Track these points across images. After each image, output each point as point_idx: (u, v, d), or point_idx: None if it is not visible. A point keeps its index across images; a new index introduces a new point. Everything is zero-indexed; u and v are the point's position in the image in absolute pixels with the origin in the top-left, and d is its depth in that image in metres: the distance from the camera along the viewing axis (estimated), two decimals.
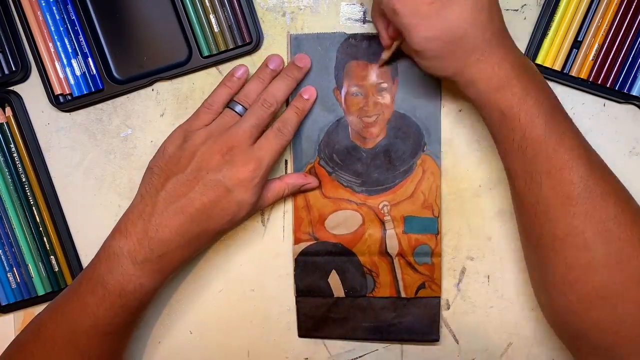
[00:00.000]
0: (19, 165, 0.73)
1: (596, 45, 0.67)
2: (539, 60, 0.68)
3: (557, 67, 0.68)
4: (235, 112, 0.67)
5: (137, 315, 0.67)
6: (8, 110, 0.73)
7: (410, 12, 0.56)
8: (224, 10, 0.70)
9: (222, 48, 0.71)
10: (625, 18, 0.66)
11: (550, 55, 0.68)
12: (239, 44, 0.71)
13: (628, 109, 0.69)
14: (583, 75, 0.68)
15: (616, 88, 0.67)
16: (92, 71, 0.72)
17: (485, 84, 0.58)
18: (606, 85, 0.68)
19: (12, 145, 0.73)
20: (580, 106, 0.69)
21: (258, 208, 0.69)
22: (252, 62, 0.72)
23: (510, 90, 0.57)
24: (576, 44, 0.67)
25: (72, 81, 0.72)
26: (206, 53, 0.71)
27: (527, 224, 0.61)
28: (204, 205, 0.64)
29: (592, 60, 0.67)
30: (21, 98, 0.73)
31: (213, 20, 0.70)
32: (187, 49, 0.71)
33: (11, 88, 0.74)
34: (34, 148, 0.73)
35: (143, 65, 0.72)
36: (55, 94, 0.72)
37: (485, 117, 0.61)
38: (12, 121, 0.73)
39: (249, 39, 0.71)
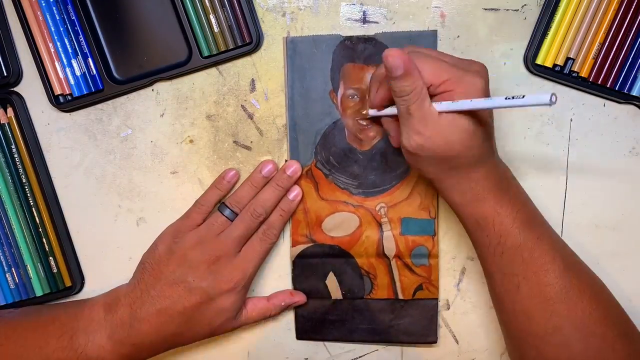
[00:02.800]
0: (20, 166, 0.73)
1: (597, 45, 0.66)
2: (539, 61, 0.68)
3: (558, 67, 0.68)
4: (225, 216, 0.69)
5: None
6: (10, 110, 0.73)
7: (419, 116, 0.56)
8: (223, 10, 0.70)
9: (222, 48, 0.71)
10: (625, 18, 0.66)
11: (551, 55, 0.67)
12: (239, 44, 0.71)
13: (628, 109, 0.69)
14: (583, 75, 0.67)
15: (616, 88, 0.67)
16: (92, 71, 0.72)
17: (460, 197, 0.61)
18: (606, 85, 0.67)
19: (13, 146, 0.73)
20: (580, 106, 0.69)
21: (239, 324, 0.71)
22: (252, 62, 0.71)
23: (485, 203, 0.59)
24: (576, 44, 0.67)
25: (72, 81, 0.72)
26: (206, 53, 0.71)
27: (507, 321, 0.63)
28: (185, 309, 0.67)
29: (593, 59, 0.67)
30: (23, 99, 0.73)
31: (213, 20, 0.70)
32: (187, 49, 0.71)
33: (12, 89, 0.74)
34: (34, 149, 0.73)
35: (143, 65, 0.72)
36: (56, 94, 0.72)
37: (461, 222, 0.63)
38: (14, 122, 0.73)
39: (249, 39, 0.70)
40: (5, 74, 0.72)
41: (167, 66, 0.72)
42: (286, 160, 0.72)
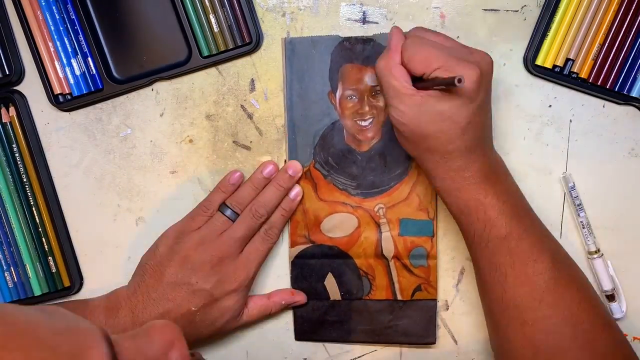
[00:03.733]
0: (21, 165, 0.73)
1: (596, 46, 0.66)
2: (538, 62, 0.68)
3: (557, 68, 0.68)
4: (226, 216, 0.69)
5: None
6: (12, 109, 0.73)
7: (392, 93, 0.58)
8: (223, 10, 0.70)
9: (222, 48, 0.71)
10: (625, 19, 0.66)
11: (550, 56, 0.67)
12: (239, 44, 0.71)
13: (627, 110, 0.69)
14: (583, 76, 0.67)
15: (616, 89, 0.67)
16: (92, 71, 0.72)
17: (440, 182, 0.61)
18: (606, 86, 0.67)
19: (14, 145, 0.73)
20: (579, 107, 0.69)
21: (241, 322, 0.71)
22: (251, 62, 0.72)
23: (465, 193, 0.60)
24: (576, 45, 0.67)
25: (71, 81, 0.72)
26: (206, 53, 0.71)
27: (495, 310, 0.63)
28: (189, 311, 0.67)
29: (592, 60, 0.67)
30: (25, 98, 0.73)
31: (213, 20, 0.70)
32: (186, 48, 0.71)
33: (14, 88, 0.74)
34: (36, 148, 0.74)
35: (143, 65, 0.72)
36: (55, 93, 0.72)
37: (448, 210, 0.64)
38: (15, 121, 0.73)
39: (248, 39, 0.70)
40: (7, 73, 0.72)
41: (167, 66, 0.72)
42: (285, 161, 0.72)
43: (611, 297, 0.70)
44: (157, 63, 0.72)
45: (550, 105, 0.69)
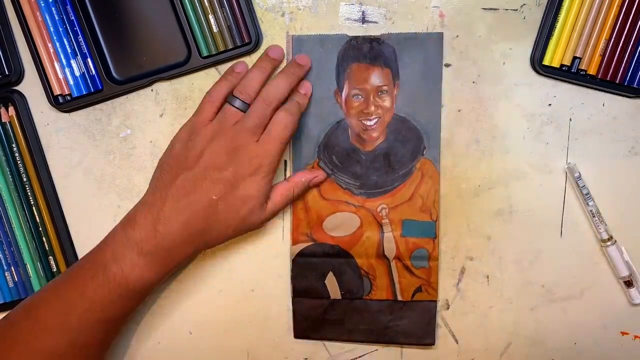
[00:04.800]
0: (20, 165, 0.73)
1: (603, 42, 0.66)
2: (546, 61, 0.68)
3: (565, 66, 0.68)
4: (235, 107, 0.67)
5: (133, 306, 0.68)
6: (11, 109, 0.73)
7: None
8: (223, 11, 0.70)
9: (222, 48, 0.71)
10: (630, 12, 0.66)
11: (557, 55, 0.67)
12: (238, 44, 0.71)
13: (627, 109, 0.69)
14: (592, 72, 0.67)
15: (625, 83, 0.67)
16: (92, 71, 0.72)
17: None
18: (615, 81, 0.67)
19: (14, 145, 0.73)
20: (579, 106, 0.69)
21: (268, 212, 0.69)
22: (251, 63, 0.71)
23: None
24: (582, 43, 0.67)
25: (71, 82, 0.72)
26: (205, 53, 0.71)
27: None
28: (210, 201, 0.65)
29: (600, 56, 0.67)
30: (24, 98, 0.73)
31: (212, 21, 0.70)
32: (186, 49, 0.71)
33: (14, 88, 0.74)
34: (35, 148, 0.73)
35: (142, 65, 0.72)
36: (55, 94, 0.72)
37: None
38: (15, 121, 0.73)
39: (248, 39, 0.70)
40: (6, 73, 0.72)
41: (167, 66, 0.72)
42: (286, 161, 0.72)
43: (629, 283, 0.70)
44: (157, 63, 0.72)
45: (549, 104, 0.69)
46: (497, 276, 0.72)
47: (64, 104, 0.73)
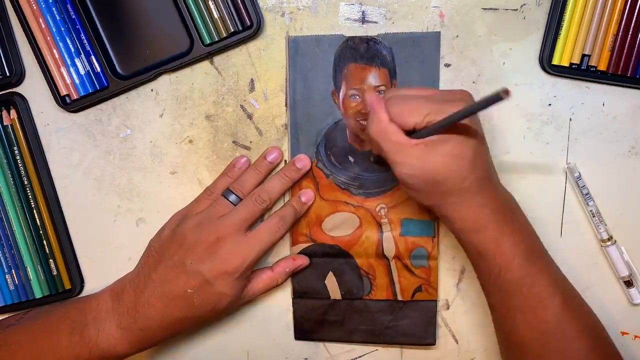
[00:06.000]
0: (22, 168, 0.73)
1: (611, 37, 0.66)
2: (555, 61, 0.68)
3: (574, 65, 0.68)
4: (229, 201, 0.68)
5: None
6: (13, 112, 0.73)
7: (394, 149, 0.58)
8: None
9: (224, 34, 0.70)
10: (635, 4, 0.66)
11: (566, 54, 0.67)
12: (240, 28, 0.70)
13: (627, 109, 0.69)
14: (602, 68, 0.67)
15: (637, 76, 0.67)
16: (96, 69, 0.71)
17: (461, 224, 0.61)
18: (627, 74, 0.67)
19: (15, 148, 0.73)
20: (579, 106, 0.69)
21: (245, 299, 0.71)
22: (251, 63, 0.71)
23: (485, 233, 0.59)
24: (590, 40, 0.67)
25: (77, 81, 0.71)
26: (207, 41, 0.70)
27: (505, 346, 0.64)
28: (186, 294, 0.66)
29: (609, 51, 0.67)
30: (26, 100, 0.73)
31: (212, 7, 0.69)
32: (188, 38, 0.71)
33: (15, 90, 0.74)
34: (36, 150, 0.73)
35: (146, 59, 0.72)
36: (62, 95, 0.72)
37: (464, 249, 0.63)
38: (17, 124, 0.73)
39: (250, 22, 0.70)
40: (7, 74, 0.72)
41: (170, 57, 0.72)
42: (286, 161, 0.72)
43: (629, 283, 0.70)
44: (160, 56, 0.72)
45: (549, 104, 0.69)
46: None
47: (72, 103, 0.72)
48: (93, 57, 0.71)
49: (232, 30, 0.70)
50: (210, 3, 0.70)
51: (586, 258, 0.71)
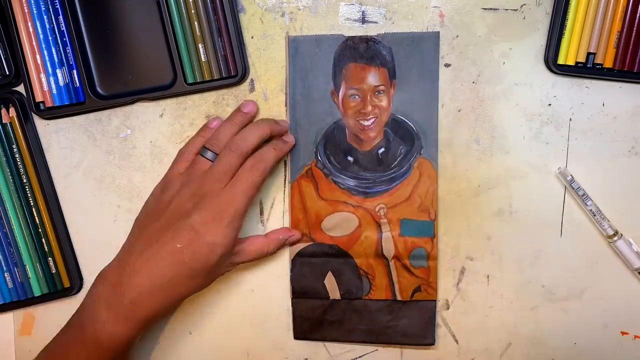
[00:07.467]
0: (21, 166, 0.73)
1: (616, 34, 0.66)
2: (560, 61, 0.68)
3: (580, 63, 0.68)
4: (206, 158, 0.67)
5: None
6: (12, 110, 0.73)
7: None
8: (213, 41, 0.70)
9: (207, 77, 0.71)
10: (638, 1, 0.66)
11: (571, 52, 0.67)
12: (224, 75, 0.71)
13: (627, 109, 0.69)
14: (608, 66, 0.67)
15: None
16: (76, 83, 0.72)
17: None
18: (633, 70, 0.67)
19: (14, 146, 0.73)
20: (579, 106, 0.69)
21: (237, 259, 0.69)
22: (251, 63, 0.72)
23: None
24: (594, 38, 0.67)
25: (54, 90, 0.72)
26: (191, 80, 0.71)
27: None
28: (175, 249, 0.64)
29: (615, 48, 0.67)
30: (25, 98, 0.73)
31: (201, 50, 0.70)
32: (172, 73, 0.71)
33: (15, 89, 0.74)
34: (36, 149, 0.74)
35: (127, 83, 0.72)
36: (37, 101, 0.72)
37: None
38: (16, 121, 0.73)
39: (234, 72, 0.71)
40: (7, 73, 0.72)
41: (151, 87, 0.72)
42: (286, 162, 0.72)
43: None
44: (142, 83, 0.72)
45: (549, 104, 0.69)
46: (497, 276, 0.72)
47: (45, 111, 0.73)
48: (75, 71, 0.72)
49: (217, 76, 0.71)
50: (200, 46, 0.70)
51: (586, 258, 0.71)
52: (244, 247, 0.69)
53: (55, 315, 0.75)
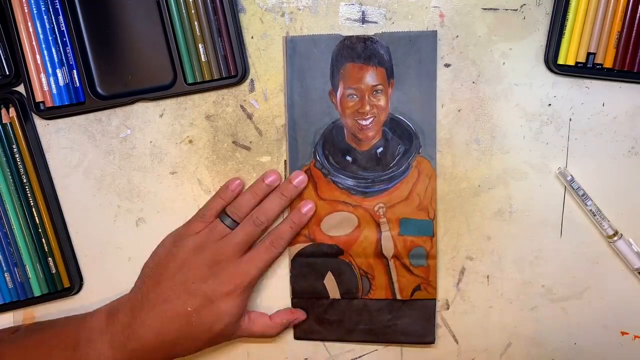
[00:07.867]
0: (21, 166, 0.73)
1: (616, 34, 0.66)
2: (560, 61, 0.68)
3: (580, 64, 0.68)
4: (225, 224, 0.69)
5: None
6: (12, 110, 0.73)
7: None
8: (213, 41, 0.70)
9: (207, 77, 0.71)
10: (638, 1, 0.66)
11: (571, 53, 0.67)
12: (224, 75, 0.71)
13: (627, 109, 0.69)
14: (608, 66, 0.67)
15: None
16: (76, 83, 0.72)
17: None
18: (633, 70, 0.67)
19: (14, 146, 0.73)
20: (579, 106, 0.69)
21: (238, 334, 0.71)
22: (251, 63, 0.71)
23: None
24: (594, 38, 0.67)
25: (54, 90, 0.71)
26: (191, 80, 0.71)
27: None
28: (185, 312, 0.67)
29: (615, 49, 0.67)
30: (25, 98, 0.73)
31: (201, 50, 0.70)
32: (172, 73, 0.71)
33: (15, 89, 0.74)
34: (36, 149, 0.74)
35: (127, 83, 0.72)
36: (37, 101, 0.72)
37: None
38: (16, 121, 0.73)
39: (234, 72, 0.70)
40: (7, 73, 0.72)
41: (151, 87, 0.72)
42: (285, 161, 0.72)
43: None
44: (142, 84, 0.72)
45: (549, 104, 0.69)
46: (497, 276, 0.72)
47: (45, 111, 0.73)
48: (75, 71, 0.71)
49: (217, 76, 0.71)
50: (200, 46, 0.70)
51: (586, 258, 0.71)
52: (248, 323, 0.71)
53: (55, 315, 0.75)
